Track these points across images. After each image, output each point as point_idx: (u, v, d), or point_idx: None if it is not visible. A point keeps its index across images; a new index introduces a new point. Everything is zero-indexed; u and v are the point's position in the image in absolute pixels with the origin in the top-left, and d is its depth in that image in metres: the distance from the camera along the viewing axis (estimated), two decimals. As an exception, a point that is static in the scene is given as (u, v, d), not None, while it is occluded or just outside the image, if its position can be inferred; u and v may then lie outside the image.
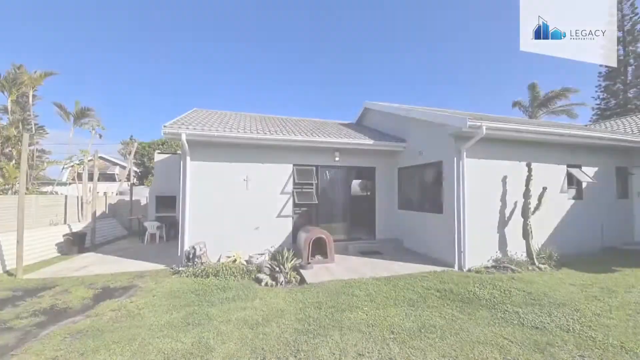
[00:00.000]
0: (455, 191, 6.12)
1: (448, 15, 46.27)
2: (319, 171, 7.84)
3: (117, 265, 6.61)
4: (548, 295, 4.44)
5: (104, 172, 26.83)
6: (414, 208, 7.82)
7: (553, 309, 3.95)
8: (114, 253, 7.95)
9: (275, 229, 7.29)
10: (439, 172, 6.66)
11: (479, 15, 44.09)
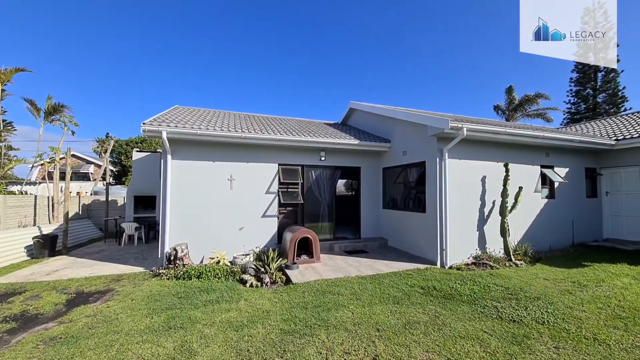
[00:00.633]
0: (438, 191, 6.28)
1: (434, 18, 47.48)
2: (304, 171, 7.82)
3: (92, 268, 6.30)
4: (524, 289, 4.64)
5: (77, 170, 25.67)
6: (398, 207, 7.96)
7: (529, 302, 4.13)
8: (88, 256, 7.57)
9: (260, 229, 7.20)
10: (423, 172, 6.82)
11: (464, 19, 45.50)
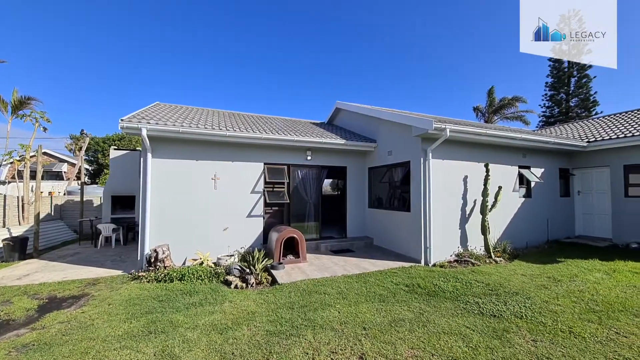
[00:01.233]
0: (422, 190, 6.40)
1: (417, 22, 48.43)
2: (290, 170, 7.76)
3: (66, 272, 5.97)
4: (503, 285, 4.81)
5: (49, 169, 24.35)
6: (383, 207, 8.06)
7: (508, 298, 4.28)
8: (61, 259, 7.17)
9: (246, 230, 7.08)
10: (407, 172, 6.93)
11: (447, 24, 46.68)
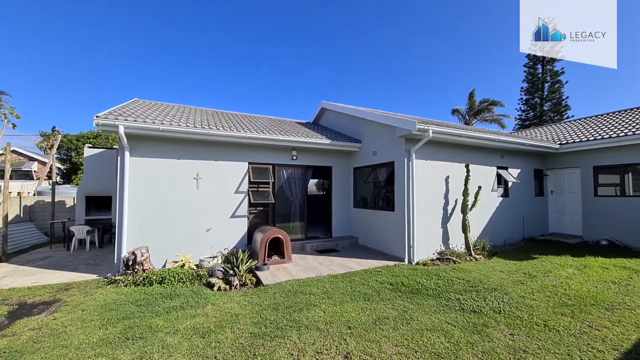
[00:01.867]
0: (406, 190, 6.51)
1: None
2: (275, 170, 7.68)
3: (36, 277, 5.62)
4: (483, 282, 4.97)
5: (17, 168, 22.93)
6: (368, 206, 8.13)
7: (487, 294, 4.43)
8: (31, 263, 6.75)
9: (229, 230, 6.94)
10: (391, 172, 7.03)
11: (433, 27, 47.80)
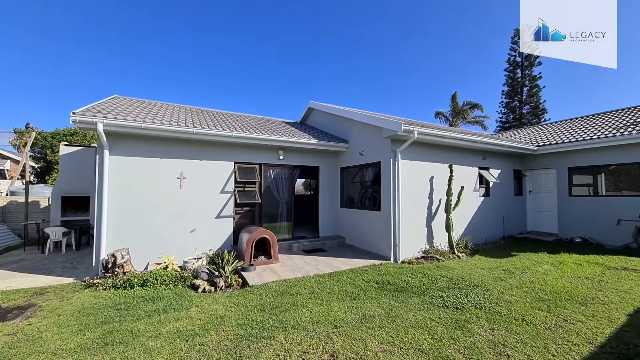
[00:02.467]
0: (392, 190, 6.61)
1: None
2: (262, 169, 7.62)
3: (9, 280, 5.33)
4: (465, 279, 5.12)
5: (-14, 167, 21.57)
6: (355, 206, 8.20)
7: (469, 290, 4.57)
8: (4, 266, 6.38)
9: (215, 231, 6.82)
10: (378, 172, 7.12)
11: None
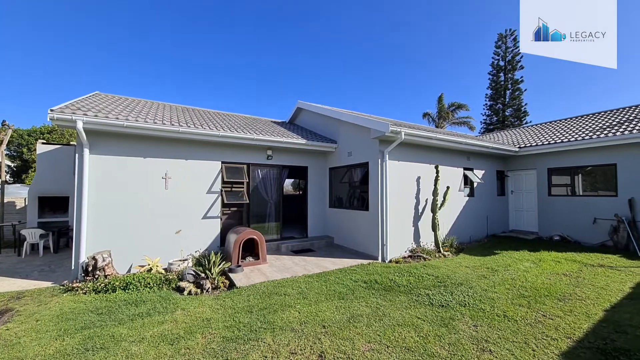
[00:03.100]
0: (379, 190, 6.68)
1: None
2: (250, 169, 7.54)
3: (-23, 287, 5.06)
4: (450, 277, 5.24)
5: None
6: (343, 206, 8.25)
7: (454, 288, 4.67)
8: (-28, 272, 6.06)
9: (201, 232, 6.70)
10: (366, 172, 7.18)
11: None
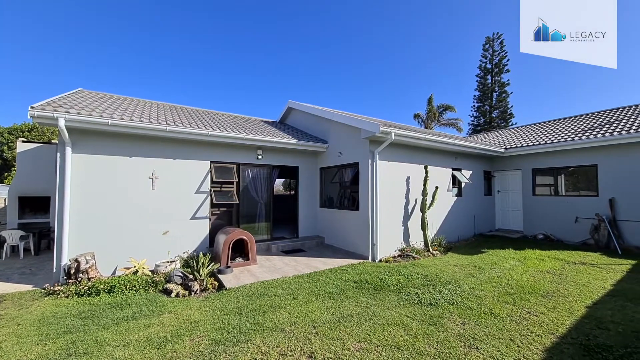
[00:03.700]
0: (370, 190, 6.72)
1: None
2: (240, 169, 7.46)
3: (-50, 292, 4.81)
4: (439, 276, 5.32)
5: None
6: (334, 206, 8.26)
7: (442, 287, 4.74)
8: (-56, 276, 5.76)
9: (189, 233, 6.58)
10: (356, 172, 7.21)
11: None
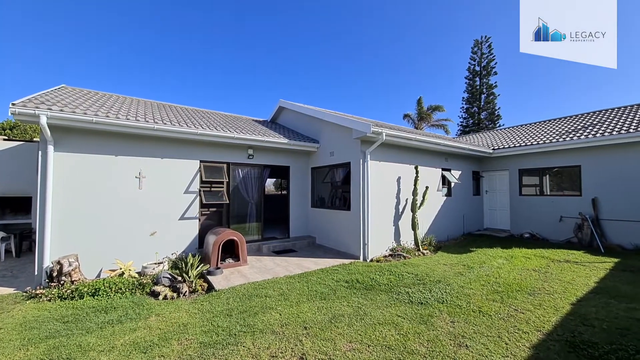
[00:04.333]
0: (361, 190, 6.74)
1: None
2: (230, 169, 7.36)
3: None
4: (429, 275, 5.37)
5: None
6: (325, 206, 8.25)
7: (432, 285, 4.79)
8: None
9: (178, 233, 6.45)
10: (348, 172, 7.22)
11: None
